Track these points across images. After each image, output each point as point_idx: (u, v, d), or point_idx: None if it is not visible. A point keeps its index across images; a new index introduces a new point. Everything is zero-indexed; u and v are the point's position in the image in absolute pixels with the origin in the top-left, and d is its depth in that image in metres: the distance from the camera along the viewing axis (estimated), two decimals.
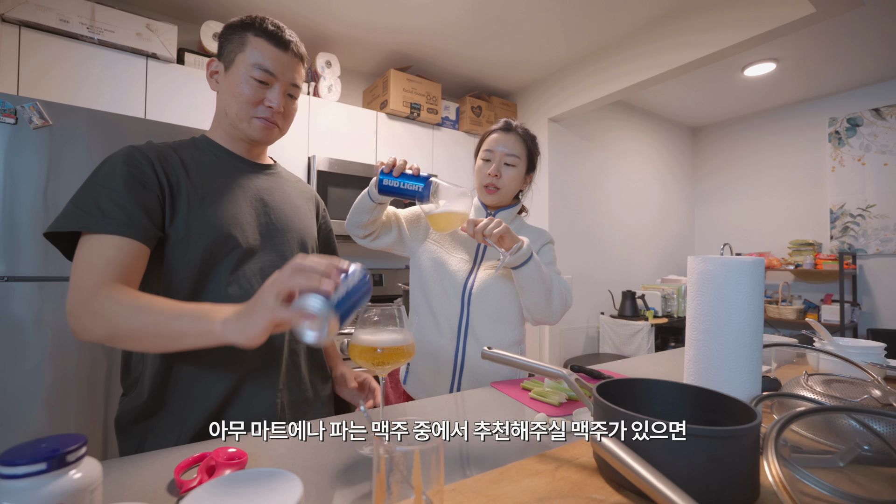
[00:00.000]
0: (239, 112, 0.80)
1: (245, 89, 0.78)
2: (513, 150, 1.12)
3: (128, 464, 0.61)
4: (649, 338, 2.97)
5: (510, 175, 1.12)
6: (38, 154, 1.46)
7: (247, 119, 0.81)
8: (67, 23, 1.76)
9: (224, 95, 0.81)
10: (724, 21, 2.08)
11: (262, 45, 0.78)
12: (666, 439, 0.47)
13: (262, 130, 0.82)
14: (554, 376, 0.70)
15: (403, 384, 1.16)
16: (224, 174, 0.82)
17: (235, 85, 0.78)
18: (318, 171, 2.27)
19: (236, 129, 0.82)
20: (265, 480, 0.35)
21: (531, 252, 0.99)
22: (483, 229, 0.91)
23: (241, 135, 0.83)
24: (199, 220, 0.75)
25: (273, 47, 0.79)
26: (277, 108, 0.81)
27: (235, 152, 0.86)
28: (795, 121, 3.57)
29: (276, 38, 0.79)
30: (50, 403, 1.45)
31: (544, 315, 1.07)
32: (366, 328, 0.65)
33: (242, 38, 0.79)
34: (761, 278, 0.69)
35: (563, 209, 3.14)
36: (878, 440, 0.56)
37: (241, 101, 0.79)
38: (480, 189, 1.16)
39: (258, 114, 0.81)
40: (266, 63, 0.78)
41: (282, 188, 0.91)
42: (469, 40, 2.54)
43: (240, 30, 0.79)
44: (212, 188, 0.79)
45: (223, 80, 0.81)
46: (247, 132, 0.82)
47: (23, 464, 0.35)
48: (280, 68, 0.80)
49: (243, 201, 0.82)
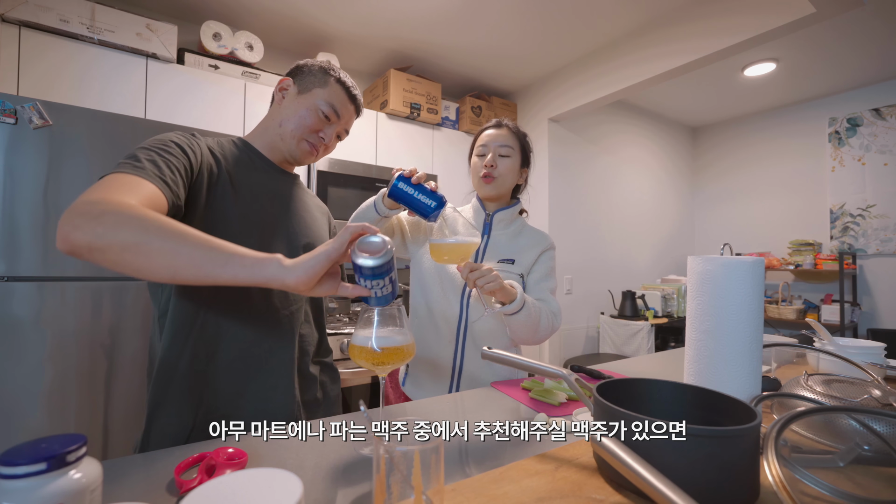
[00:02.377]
0: (295, 131, 0.87)
1: (310, 116, 0.87)
2: (506, 142, 1.13)
3: (128, 464, 0.61)
4: (649, 338, 2.97)
5: (506, 164, 1.12)
6: (38, 154, 1.46)
7: (298, 139, 0.88)
8: (67, 23, 1.76)
9: (287, 111, 0.88)
10: (724, 21, 2.08)
11: (338, 91, 0.90)
12: (666, 439, 0.47)
13: (306, 154, 0.91)
14: (554, 376, 0.70)
15: (402, 386, 1.16)
16: (256, 175, 0.88)
17: (304, 108, 0.87)
18: (318, 171, 2.27)
19: (283, 142, 0.89)
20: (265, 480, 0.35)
21: (522, 303, 0.97)
22: (477, 278, 0.88)
23: (285, 149, 0.90)
24: (226, 210, 0.79)
25: (346, 97, 0.91)
26: (328, 142, 0.92)
27: (271, 160, 0.92)
28: (795, 121, 3.57)
29: (349, 92, 0.91)
30: (50, 403, 1.45)
31: (530, 342, 1.08)
32: (366, 328, 0.65)
33: (325, 79, 0.89)
34: (761, 278, 0.69)
35: (563, 209, 3.14)
36: (878, 440, 0.56)
37: (303, 124, 0.87)
38: (478, 182, 1.15)
39: (309, 139, 0.89)
40: (336, 105, 0.89)
41: (303, 198, 0.98)
42: (469, 40, 2.54)
43: (323, 73, 0.90)
44: (243, 184, 0.84)
45: (292, 99, 0.89)
46: (291, 149, 0.89)
47: (23, 464, 0.35)
48: (344, 113, 0.91)
49: (268, 201, 0.87)
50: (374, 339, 0.64)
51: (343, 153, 2.45)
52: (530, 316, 0.99)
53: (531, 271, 1.14)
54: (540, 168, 3.05)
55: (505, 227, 1.16)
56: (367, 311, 0.66)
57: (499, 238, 1.15)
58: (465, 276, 0.90)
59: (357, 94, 0.93)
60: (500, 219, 1.16)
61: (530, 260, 1.14)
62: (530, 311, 0.99)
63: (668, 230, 4.01)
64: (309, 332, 0.93)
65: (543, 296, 1.12)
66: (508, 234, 1.16)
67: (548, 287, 1.14)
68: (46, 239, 1.47)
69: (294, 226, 0.91)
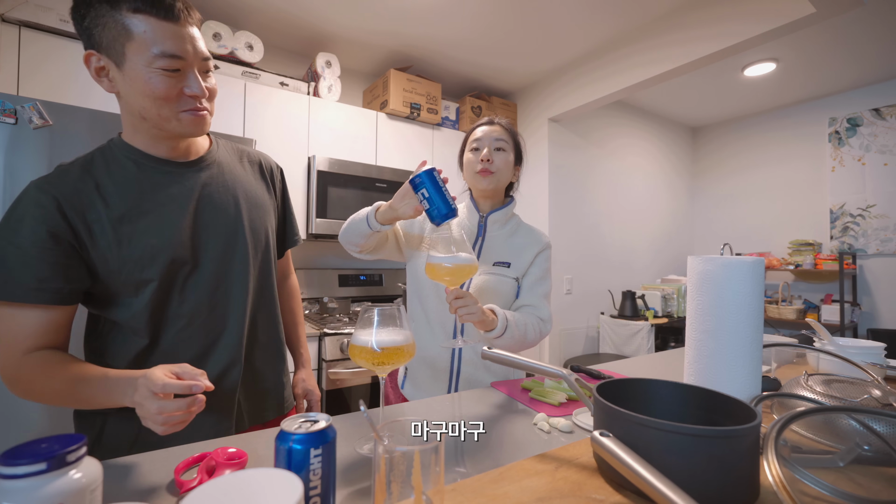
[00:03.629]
0: (161, 112, 0.68)
1: (157, 85, 0.66)
2: (500, 136, 1.10)
3: (128, 464, 0.61)
4: (649, 338, 2.97)
5: (502, 158, 1.09)
6: (38, 154, 1.46)
7: (173, 117, 0.70)
8: (67, 23, 1.75)
9: (132, 96, 0.68)
10: (723, 21, 2.08)
11: (150, 23, 0.63)
12: (666, 439, 0.47)
13: (195, 123, 0.72)
14: (554, 376, 0.71)
15: (401, 388, 1.15)
16: (149, 186, 0.73)
17: (142, 82, 0.65)
18: (318, 171, 2.27)
19: (163, 131, 0.72)
20: (265, 480, 0.35)
21: (503, 329, 0.95)
22: (458, 306, 0.88)
23: (169, 134, 0.73)
24: (130, 247, 0.70)
25: (164, 22, 0.64)
26: (201, 93, 0.70)
27: (158, 155, 0.75)
28: (795, 121, 3.57)
29: (160, 7, 0.63)
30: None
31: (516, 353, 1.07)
32: (366, 328, 0.65)
33: (121, 20, 0.63)
34: (761, 278, 0.69)
35: (564, 209, 3.14)
36: (878, 440, 0.56)
37: (159, 99, 0.67)
38: (473, 177, 1.11)
39: (183, 107, 0.69)
40: (167, 47, 0.64)
41: (222, 181, 0.82)
42: (469, 42, 2.54)
43: (108, 6, 0.63)
44: (137, 207, 0.71)
45: (120, 79, 0.67)
46: (177, 130, 0.72)
47: (23, 464, 0.35)
48: (185, 47, 0.66)
49: (177, 214, 0.75)
50: (374, 339, 0.64)
51: (343, 153, 2.45)
52: (513, 337, 0.98)
53: (526, 274, 1.12)
54: (540, 168, 3.06)
55: (500, 227, 1.14)
56: (367, 311, 0.66)
57: (493, 239, 1.13)
58: (450, 300, 0.88)
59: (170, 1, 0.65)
60: (495, 220, 1.13)
61: (526, 262, 1.12)
62: (513, 332, 0.98)
63: (668, 230, 4.01)
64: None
65: (536, 301, 1.10)
66: (503, 235, 1.14)
67: (542, 291, 1.12)
68: None
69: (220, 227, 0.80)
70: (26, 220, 0.65)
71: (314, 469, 0.43)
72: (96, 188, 0.70)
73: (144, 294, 0.72)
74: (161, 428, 0.58)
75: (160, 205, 0.74)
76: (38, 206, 0.66)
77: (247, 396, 0.85)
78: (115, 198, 0.71)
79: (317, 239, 2.51)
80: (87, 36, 0.66)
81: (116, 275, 0.70)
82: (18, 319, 0.65)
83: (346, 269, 2.74)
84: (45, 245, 0.65)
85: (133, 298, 0.72)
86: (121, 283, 0.71)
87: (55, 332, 0.68)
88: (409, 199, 0.90)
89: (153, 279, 0.72)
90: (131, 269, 0.70)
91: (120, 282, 0.71)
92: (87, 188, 0.69)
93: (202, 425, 0.75)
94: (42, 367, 0.65)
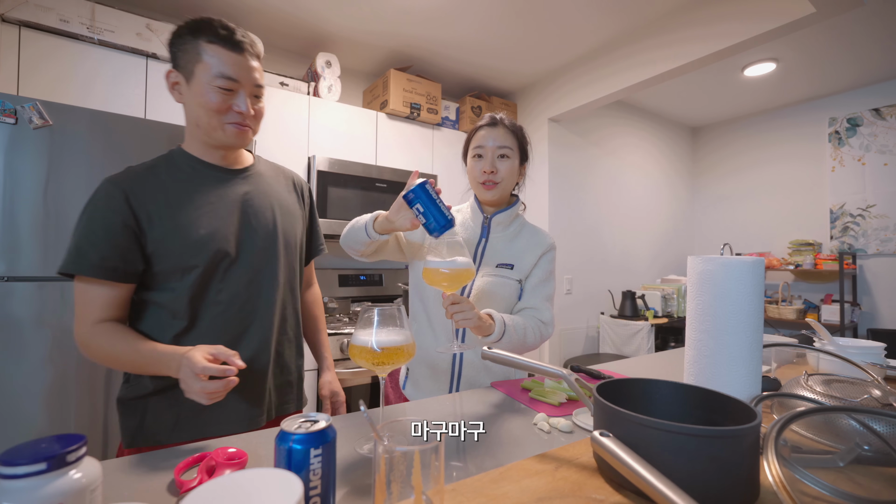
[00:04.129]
0: (210, 122, 0.82)
1: (212, 99, 0.80)
2: (503, 143, 1.07)
3: (128, 464, 0.61)
4: (649, 338, 2.97)
5: (506, 167, 1.08)
6: (38, 154, 1.46)
7: (220, 127, 0.83)
8: (67, 23, 1.76)
9: (192, 107, 0.83)
10: (723, 21, 2.08)
11: (218, 52, 0.79)
12: (666, 439, 0.47)
13: (237, 135, 0.85)
14: (554, 376, 0.71)
15: (402, 389, 1.15)
16: (203, 188, 0.86)
17: (201, 95, 0.80)
18: (318, 171, 2.27)
19: (210, 138, 0.85)
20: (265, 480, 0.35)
21: (501, 334, 0.94)
22: (455, 311, 0.86)
23: (216, 143, 0.86)
24: (182, 236, 0.81)
25: (229, 52, 0.80)
26: (247, 112, 0.83)
27: (212, 162, 0.88)
28: (795, 121, 3.57)
29: (230, 42, 0.80)
30: (50, 403, 1.45)
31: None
32: (366, 328, 0.65)
33: (196, 47, 0.79)
34: (761, 278, 0.69)
35: (563, 209, 3.14)
36: (878, 440, 0.56)
37: (211, 111, 0.81)
38: (477, 187, 1.10)
39: (229, 120, 0.83)
40: (226, 70, 0.80)
41: (262, 189, 0.94)
42: (469, 41, 2.54)
43: (190, 37, 0.80)
44: (191, 203, 0.83)
45: (187, 92, 0.83)
46: (221, 140, 0.85)
47: (23, 464, 0.35)
48: (241, 73, 0.81)
49: (224, 212, 0.86)
50: (374, 339, 0.64)
51: (343, 153, 2.45)
52: (511, 341, 0.97)
53: (530, 276, 1.11)
54: (540, 168, 3.05)
55: (504, 229, 1.12)
56: (367, 311, 0.66)
57: (497, 241, 1.11)
58: (446, 306, 0.87)
59: (238, 37, 0.81)
60: (499, 221, 1.11)
61: (530, 264, 1.10)
62: (511, 337, 0.97)
63: (668, 230, 4.01)
64: None
65: (538, 304, 1.09)
66: (507, 236, 1.12)
67: (544, 294, 1.10)
68: (46, 239, 1.47)
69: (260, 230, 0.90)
70: (98, 209, 0.78)
71: (314, 469, 0.43)
72: (158, 185, 0.83)
73: (189, 278, 0.82)
74: (205, 400, 0.68)
75: (210, 203, 0.85)
76: (109, 198, 0.78)
77: (275, 386, 0.93)
78: (173, 194, 0.83)
79: None
80: (173, 58, 0.83)
81: (167, 259, 0.81)
82: (90, 293, 0.78)
83: (346, 270, 2.74)
84: (112, 230, 0.77)
85: (178, 283, 0.82)
86: (170, 267, 0.81)
87: (116, 307, 0.80)
88: (404, 213, 0.89)
89: (198, 266, 0.82)
90: (181, 255, 0.81)
91: (170, 266, 0.81)
92: (150, 185, 0.82)
93: (235, 410, 0.85)
94: (107, 336, 0.77)
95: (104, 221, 0.77)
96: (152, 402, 0.83)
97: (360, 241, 0.98)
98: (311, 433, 0.44)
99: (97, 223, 0.78)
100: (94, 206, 0.79)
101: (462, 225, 1.14)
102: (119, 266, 0.78)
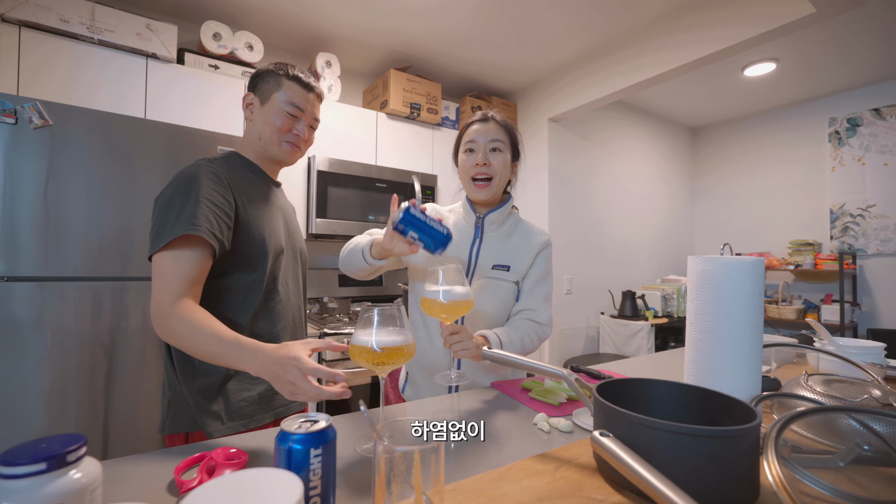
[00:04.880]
0: (272, 137, 0.97)
1: (278, 119, 0.96)
2: (496, 136, 1.06)
3: (128, 464, 0.61)
4: (649, 338, 2.97)
5: (499, 161, 1.05)
6: (38, 154, 1.46)
7: (278, 143, 0.98)
8: (67, 23, 1.76)
9: (259, 123, 0.98)
10: (724, 21, 2.08)
11: (294, 87, 0.98)
12: (666, 439, 0.47)
13: (290, 153, 1.00)
14: (554, 376, 0.71)
15: (402, 392, 1.15)
16: (262, 191, 1.00)
17: (271, 115, 0.96)
18: (318, 171, 2.27)
19: (267, 151, 0.99)
20: (265, 480, 0.35)
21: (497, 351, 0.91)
22: (454, 342, 0.86)
23: (271, 156, 1.00)
24: (255, 230, 0.92)
25: (302, 90, 0.99)
26: (303, 136, 1.00)
27: (265, 170, 1.03)
28: (795, 121, 3.57)
29: (304, 83, 0.99)
30: (50, 403, 1.45)
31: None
32: (366, 328, 0.65)
33: (278, 81, 0.97)
34: (761, 278, 0.69)
35: (563, 209, 3.14)
36: (878, 440, 0.56)
37: (275, 128, 0.97)
38: (469, 184, 1.08)
39: (287, 139, 0.99)
40: (297, 101, 0.97)
41: (289, 203, 1.13)
42: (469, 40, 2.54)
43: (275, 74, 0.98)
44: (254, 204, 0.95)
45: (258, 112, 0.98)
46: (276, 154, 0.99)
47: (23, 464, 0.35)
48: (306, 106, 0.99)
49: (276, 215, 1.01)
50: (374, 340, 0.64)
51: (343, 153, 2.45)
52: (513, 349, 0.98)
53: (526, 276, 1.10)
54: (540, 168, 3.05)
55: (497, 228, 1.11)
56: (366, 312, 0.66)
57: (491, 240, 1.10)
58: (445, 336, 0.87)
59: (312, 83, 1.00)
60: (492, 220, 1.10)
61: (526, 264, 1.09)
62: (511, 347, 0.99)
63: (668, 230, 4.01)
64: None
65: (535, 304, 1.08)
66: (501, 235, 1.11)
67: (542, 294, 1.09)
68: (46, 239, 1.47)
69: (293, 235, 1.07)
70: (206, 182, 0.85)
71: (314, 469, 0.43)
72: (237, 179, 0.94)
73: (263, 266, 0.92)
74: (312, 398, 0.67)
75: (267, 208, 0.99)
76: (216, 176, 0.87)
77: None
78: (245, 190, 0.94)
79: (317, 239, 2.51)
80: (253, 85, 1.00)
81: (244, 245, 0.89)
82: (183, 262, 0.79)
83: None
84: (221, 205, 0.85)
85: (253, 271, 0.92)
86: (247, 253, 0.90)
87: (198, 283, 0.82)
88: (398, 241, 0.87)
89: (268, 254, 0.93)
90: (255, 244, 0.91)
91: (246, 252, 0.90)
92: (233, 177, 0.92)
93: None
94: (189, 315, 0.77)
95: (213, 195, 0.84)
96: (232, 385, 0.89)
97: (359, 266, 1.03)
98: (311, 433, 0.44)
99: (207, 195, 0.83)
100: (198, 181, 0.84)
101: (455, 226, 1.12)
102: (223, 239, 0.84)
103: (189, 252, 0.80)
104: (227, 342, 0.74)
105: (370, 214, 2.44)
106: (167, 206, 0.82)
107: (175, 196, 0.83)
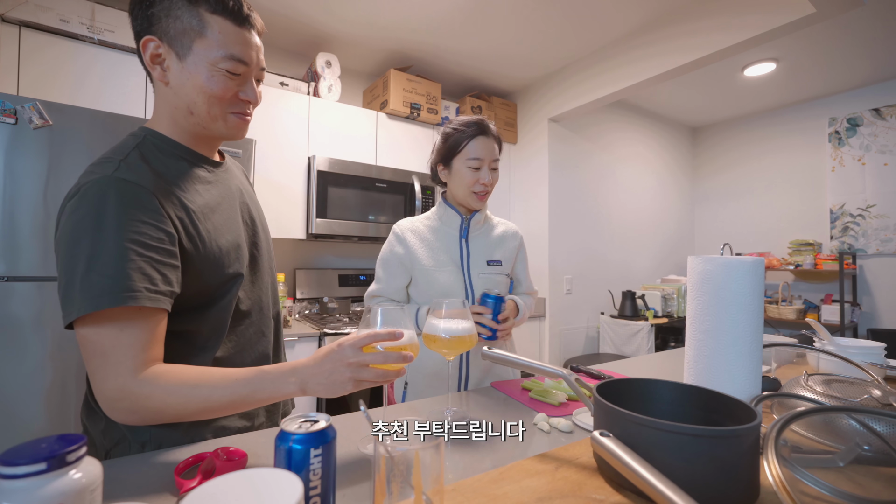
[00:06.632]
0: (211, 110, 0.67)
1: (215, 85, 0.65)
2: (495, 155, 1.14)
3: (128, 464, 0.61)
4: (649, 338, 2.97)
5: (496, 177, 1.15)
6: (38, 154, 1.46)
7: (221, 117, 0.69)
8: (67, 23, 1.76)
9: (185, 90, 0.66)
10: (724, 21, 2.08)
11: (225, 27, 0.64)
12: (666, 439, 0.47)
13: (238, 127, 0.71)
14: (554, 376, 0.71)
15: (402, 402, 1.15)
16: (204, 184, 0.71)
17: (201, 79, 0.65)
18: (319, 171, 2.27)
19: (206, 129, 0.70)
20: (265, 480, 0.35)
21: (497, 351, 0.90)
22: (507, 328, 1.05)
23: (213, 134, 0.71)
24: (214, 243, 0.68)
25: (238, 28, 0.65)
26: (254, 100, 0.71)
27: (199, 152, 0.73)
28: (795, 121, 3.57)
29: (239, 16, 0.65)
30: (50, 403, 1.45)
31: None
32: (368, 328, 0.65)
33: (196, 16, 0.63)
34: (761, 278, 0.69)
35: (563, 209, 3.14)
36: (878, 440, 0.56)
37: (213, 98, 0.66)
38: (469, 196, 1.12)
39: (233, 109, 0.69)
40: (236, 51, 0.65)
41: (241, 184, 0.83)
42: (469, 40, 2.54)
43: (190, 9, 0.63)
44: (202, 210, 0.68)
45: (178, 71, 0.65)
46: (221, 131, 0.70)
47: (23, 464, 0.35)
48: (251, 54, 0.67)
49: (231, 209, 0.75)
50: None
51: (343, 153, 2.45)
52: (523, 316, 1.16)
53: (515, 266, 1.25)
54: (540, 168, 3.05)
55: (479, 226, 1.20)
56: (369, 312, 0.66)
57: (477, 238, 1.18)
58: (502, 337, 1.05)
59: (246, 9, 0.66)
60: (478, 220, 1.18)
61: (511, 257, 1.22)
62: (524, 313, 1.15)
63: (668, 230, 4.01)
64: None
65: (526, 282, 1.27)
66: (484, 231, 1.20)
67: (527, 272, 1.28)
68: (46, 239, 1.47)
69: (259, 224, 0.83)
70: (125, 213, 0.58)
71: (314, 469, 0.43)
72: (165, 185, 0.64)
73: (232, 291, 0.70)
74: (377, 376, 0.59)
75: (218, 206, 0.72)
76: (138, 197, 0.60)
77: None
78: (188, 193, 0.67)
79: (316, 239, 2.51)
80: (149, 22, 0.64)
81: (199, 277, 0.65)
82: (126, 333, 0.57)
83: (346, 269, 2.74)
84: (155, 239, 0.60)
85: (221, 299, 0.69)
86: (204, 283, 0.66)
87: (158, 343, 0.61)
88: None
89: (240, 273, 0.71)
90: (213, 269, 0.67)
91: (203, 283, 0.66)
92: (162, 183, 0.64)
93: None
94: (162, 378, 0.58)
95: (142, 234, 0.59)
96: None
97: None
98: (311, 433, 0.44)
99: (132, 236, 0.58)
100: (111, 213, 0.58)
101: (435, 233, 1.17)
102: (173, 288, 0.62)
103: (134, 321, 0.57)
104: (243, 380, 0.59)
105: (370, 214, 2.44)
106: (73, 254, 0.56)
107: (80, 237, 0.57)
